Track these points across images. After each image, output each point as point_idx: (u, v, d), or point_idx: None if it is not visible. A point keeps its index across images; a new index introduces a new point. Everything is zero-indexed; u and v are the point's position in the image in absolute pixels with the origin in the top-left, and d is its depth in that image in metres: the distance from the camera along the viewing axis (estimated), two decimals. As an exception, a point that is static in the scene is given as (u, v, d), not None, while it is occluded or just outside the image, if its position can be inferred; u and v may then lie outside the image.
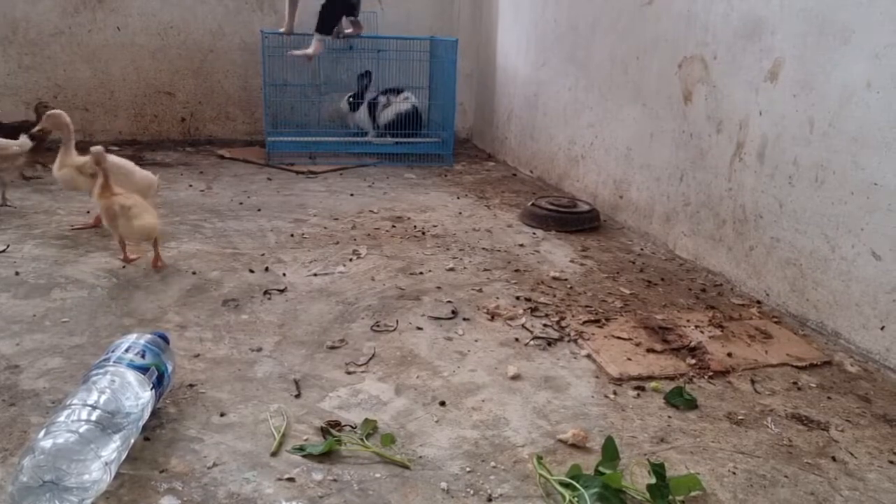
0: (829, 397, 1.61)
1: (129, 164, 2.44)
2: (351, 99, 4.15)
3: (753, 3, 2.15)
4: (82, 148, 3.92)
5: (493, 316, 1.96)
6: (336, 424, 1.38)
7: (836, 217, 1.87)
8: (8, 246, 2.31)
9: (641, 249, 2.63)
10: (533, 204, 2.91)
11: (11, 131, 2.83)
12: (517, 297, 2.10)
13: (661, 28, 2.61)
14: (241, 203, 2.98)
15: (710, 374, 1.68)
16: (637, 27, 2.76)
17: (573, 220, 2.81)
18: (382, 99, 4.13)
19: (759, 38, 2.13)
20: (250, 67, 4.27)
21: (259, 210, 2.88)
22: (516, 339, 1.82)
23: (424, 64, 4.31)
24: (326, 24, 3.76)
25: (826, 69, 1.89)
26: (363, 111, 4.14)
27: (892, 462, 1.37)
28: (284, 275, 2.19)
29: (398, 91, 4.16)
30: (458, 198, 3.27)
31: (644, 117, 2.74)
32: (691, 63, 2.44)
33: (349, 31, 3.95)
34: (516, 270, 2.33)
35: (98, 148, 2.17)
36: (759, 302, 2.14)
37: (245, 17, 4.23)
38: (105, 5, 4.00)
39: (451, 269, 2.31)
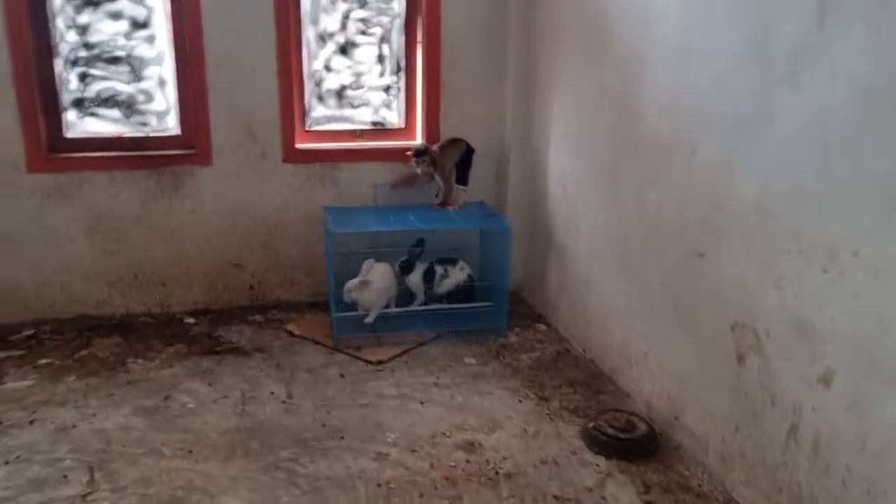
0: None
1: None
2: (402, 264, 4.38)
3: (806, 305, 2.33)
4: (160, 322, 4.27)
5: None
6: None
7: (889, 539, 2.05)
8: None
9: (699, 485, 2.82)
10: (594, 427, 3.12)
11: None
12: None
13: (712, 285, 2.79)
14: (323, 425, 3.22)
15: None
16: (688, 274, 2.95)
17: (633, 448, 3.02)
18: (440, 269, 4.39)
19: (811, 339, 2.31)
20: (313, 236, 4.56)
21: (342, 438, 3.12)
22: None
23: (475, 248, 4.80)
24: (465, 175, 4.47)
25: (878, 401, 2.08)
26: (417, 277, 4.40)
27: None
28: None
29: (454, 261, 4.42)
30: (520, 401, 3.49)
31: (696, 356, 2.93)
32: (743, 330, 2.63)
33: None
34: (589, 533, 2.54)
35: None
36: (817, 583, 2.31)
37: (308, 192, 4.52)
38: (180, 193, 4.32)
39: (530, 536, 2.52)
